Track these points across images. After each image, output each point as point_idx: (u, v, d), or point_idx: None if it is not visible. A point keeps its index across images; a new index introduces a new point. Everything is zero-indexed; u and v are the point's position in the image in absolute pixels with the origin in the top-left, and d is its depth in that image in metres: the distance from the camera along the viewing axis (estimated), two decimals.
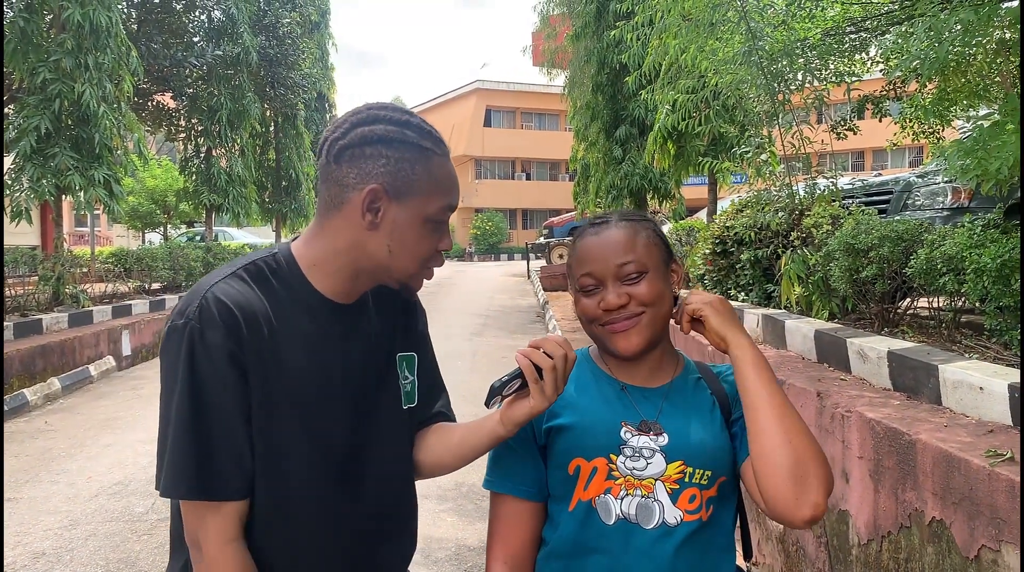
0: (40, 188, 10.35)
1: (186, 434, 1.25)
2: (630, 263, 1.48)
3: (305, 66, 19.63)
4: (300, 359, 1.33)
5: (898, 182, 7.83)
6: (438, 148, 1.36)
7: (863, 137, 8.00)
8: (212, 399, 1.25)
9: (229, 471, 1.27)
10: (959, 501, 2.60)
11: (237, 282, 1.32)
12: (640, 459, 1.45)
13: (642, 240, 1.51)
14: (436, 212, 1.35)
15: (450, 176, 1.37)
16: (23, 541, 4.62)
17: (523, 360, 1.33)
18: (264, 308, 1.31)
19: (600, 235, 1.52)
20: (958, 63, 4.32)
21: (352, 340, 1.42)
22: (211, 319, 1.25)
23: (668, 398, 1.52)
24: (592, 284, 1.50)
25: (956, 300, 4.29)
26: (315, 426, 1.35)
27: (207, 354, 1.24)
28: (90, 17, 10.36)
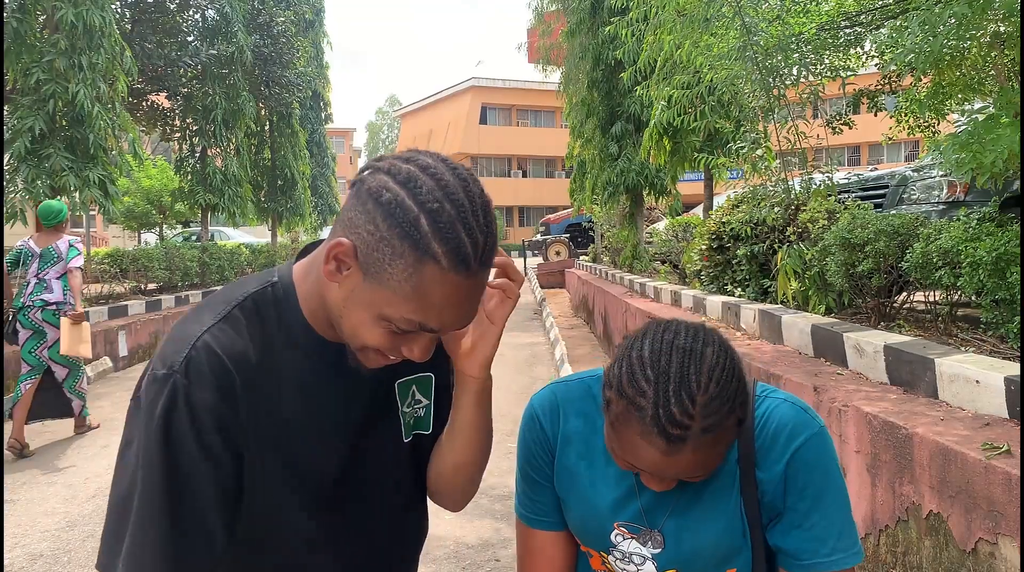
0: (35, 189, 10.33)
1: (155, 508, 1.05)
2: (698, 477, 1.19)
3: (300, 65, 19.60)
4: (294, 405, 1.17)
5: (894, 176, 7.84)
6: (447, 260, 1.01)
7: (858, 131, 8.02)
8: (191, 472, 1.05)
9: (197, 553, 1.08)
10: (956, 494, 2.60)
11: (231, 325, 1.13)
12: (630, 563, 1.33)
13: (720, 451, 1.16)
14: (397, 319, 1.06)
15: (441, 296, 1.03)
16: (21, 542, 4.61)
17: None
18: (258, 353, 1.14)
19: (672, 457, 1.12)
20: (953, 57, 4.33)
21: (352, 380, 1.23)
22: (201, 375, 1.06)
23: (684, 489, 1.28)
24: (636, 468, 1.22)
25: (952, 294, 4.30)
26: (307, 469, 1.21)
27: (192, 417, 1.05)
28: (83, 17, 10.33)
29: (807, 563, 1.24)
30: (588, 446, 1.36)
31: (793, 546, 1.25)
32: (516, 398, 7.68)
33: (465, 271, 1.02)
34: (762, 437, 1.26)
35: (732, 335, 5.91)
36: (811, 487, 1.24)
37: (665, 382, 1.11)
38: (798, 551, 1.25)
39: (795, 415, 1.28)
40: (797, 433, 1.26)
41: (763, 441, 1.26)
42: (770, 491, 1.26)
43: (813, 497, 1.24)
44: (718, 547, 1.28)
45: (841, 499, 1.26)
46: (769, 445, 1.26)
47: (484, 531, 4.54)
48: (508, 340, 12.05)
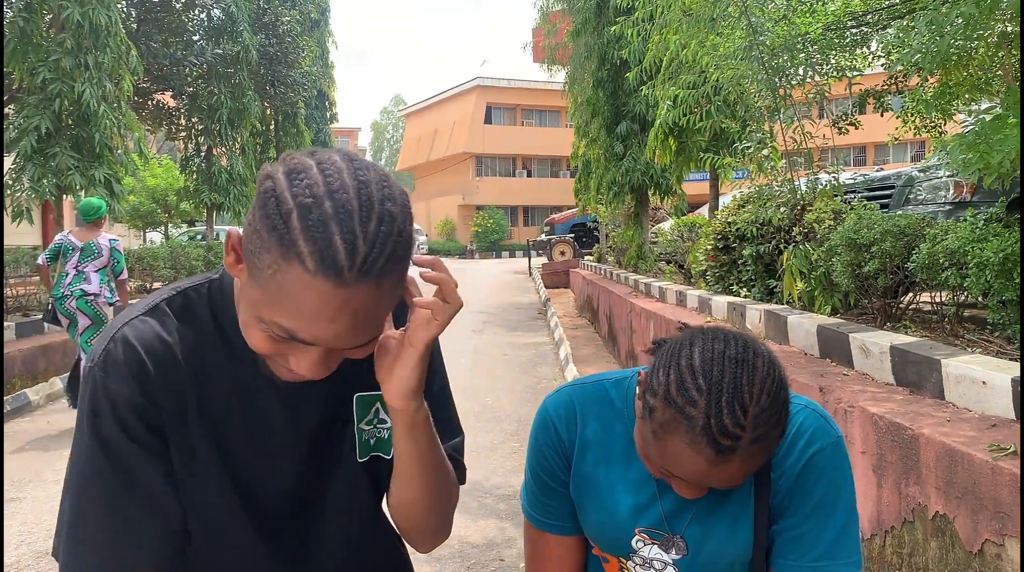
0: (41, 188, 10.37)
1: (92, 496, 1.04)
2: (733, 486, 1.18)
3: (305, 64, 19.64)
4: (226, 404, 1.12)
5: (900, 176, 7.82)
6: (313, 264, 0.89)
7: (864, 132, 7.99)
8: (122, 458, 1.04)
9: (147, 537, 1.05)
10: (962, 495, 2.59)
11: (155, 320, 1.09)
12: (650, 569, 1.32)
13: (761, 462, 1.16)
14: (270, 323, 0.96)
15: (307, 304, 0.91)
16: (27, 540, 4.62)
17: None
18: (185, 347, 1.09)
19: (720, 467, 1.12)
20: (960, 57, 4.32)
21: (305, 394, 1.15)
22: (117, 367, 1.04)
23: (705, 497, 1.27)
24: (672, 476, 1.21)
25: (959, 294, 4.29)
26: (250, 485, 1.14)
27: (113, 407, 1.04)
28: (89, 16, 10.36)
29: (792, 564, 1.26)
30: (606, 451, 1.34)
31: (784, 546, 1.27)
32: (520, 398, 7.68)
33: (335, 278, 0.89)
34: (781, 444, 1.25)
35: None
36: (816, 494, 1.26)
37: (718, 393, 1.10)
38: (787, 551, 1.27)
39: (816, 422, 1.29)
40: (815, 439, 1.27)
41: (782, 447, 1.26)
42: (781, 492, 1.27)
43: (815, 504, 1.26)
44: (739, 553, 1.28)
45: (842, 509, 1.27)
46: (787, 449, 1.26)
47: (489, 531, 4.54)
48: (513, 340, 12.06)
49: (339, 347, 0.98)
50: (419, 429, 1.13)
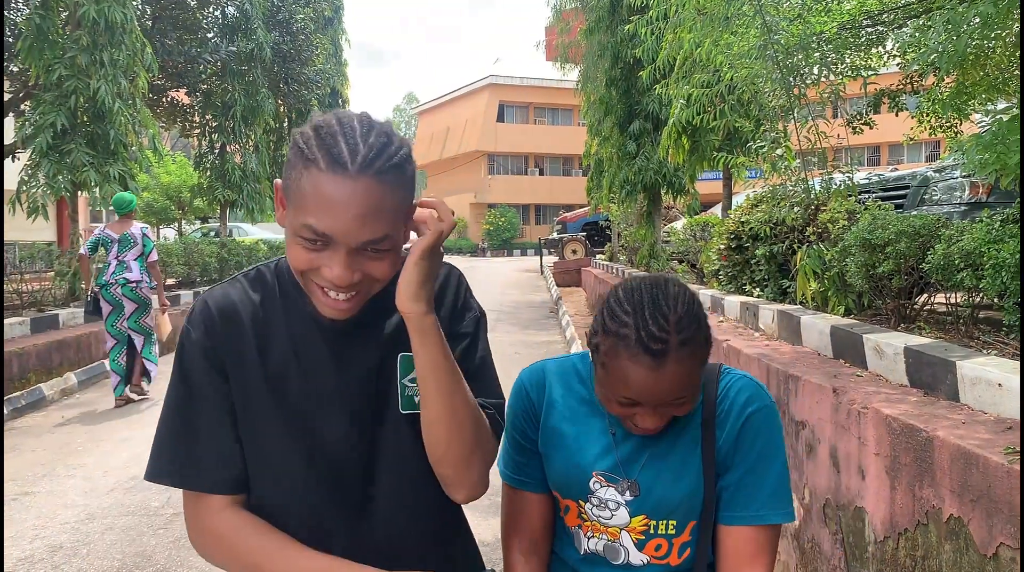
0: (56, 184, 10.43)
1: (172, 423, 1.32)
2: (683, 399, 1.37)
3: (318, 62, 19.68)
4: (284, 360, 1.33)
5: (915, 177, 7.77)
6: (325, 162, 1.17)
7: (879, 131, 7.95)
8: (196, 393, 1.31)
9: (210, 462, 1.31)
10: (977, 498, 2.57)
11: (233, 287, 1.38)
12: (605, 509, 1.48)
13: (698, 367, 1.36)
14: (298, 228, 1.20)
15: (321, 195, 1.17)
16: (41, 534, 4.66)
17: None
18: (252, 310, 1.35)
19: (659, 371, 1.31)
20: (977, 56, 4.28)
21: (354, 349, 1.35)
22: (196, 320, 1.33)
23: (655, 444, 1.47)
24: (630, 404, 1.38)
25: (974, 296, 4.26)
26: (305, 432, 1.32)
27: (191, 351, 1.32)
28: (105, 13, 10.42)
29: (737, 515, 1.45)
30: (570, 410, 1.54)
31: (728, 499, 1.46)
32: None
33: (342, 172, 1.16)
34: (723, 405, 1.47)
35: (750, 335, 5.88)
36: (755, 449, 1.45)
37: (641, 310, 1.33)
38: (731, 503, 1.46)
39: (753, 388, 1.49)
40: (752, 401, 1.47)
41: (723, 407, 1.47)
42: (724, 448, 1.46)
43: (754, 459, 1.45)
44: (684, 499, 1.45)
45: (779, 465, 1.47)
46: (728, 409, 1.46)
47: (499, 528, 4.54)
48: (525, 338, 12.06)
49: (354, 239, 1.19)
50: (429, 335, 1.28)
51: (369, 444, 1.35)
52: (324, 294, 1.25)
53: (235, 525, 1.31)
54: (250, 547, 1.29)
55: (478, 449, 1.35)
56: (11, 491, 5.43)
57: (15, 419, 7.51)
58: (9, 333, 8.69)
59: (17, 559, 4.32)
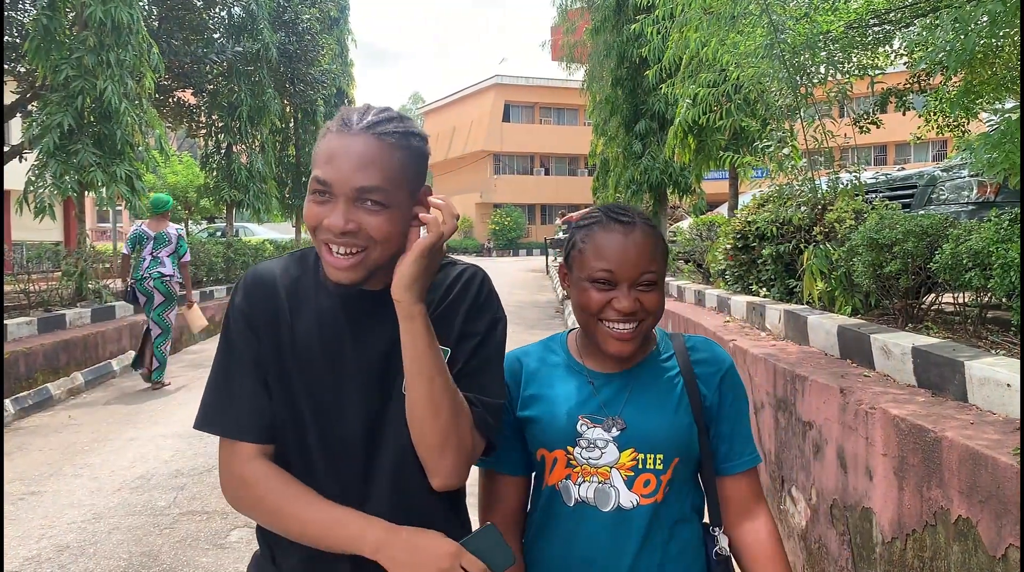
0: (63, 184, 10.45)
1: (215, 377, 1.47)
2: (651, 273, 1.53)
3: (324, 62, 19.69)
4: (311, 332, 1.46)
5: (922, 176, 7.75)
6: (335, 126, 1.39)
7: (886, 131, 7.93)
8: (235, 349, 1.46)
9: (244, 412, 1.43)
10: (986, 499, 2.56)
11: (277, 262, 1.54)
12: (595, 449, 1.57)
13: (660, 249, 1.56)
14: (311, 182, 1.38)
15: (327, 149, 1.37)
16: (48, 534, 4.66)
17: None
18: (289, 283, 1.49)
19: (628, 237, 1.53)
20: (985, 55, 4.26)
21: (372, 325, 1.46)
22: (240, 286, 1.50)
23: (634, 383, 1.61)
24: (607, 280, 1.52)
25: (982, 295, 4.24)
26: (322, 399, 1.44)
27: (234, 314, 1.48)
28: (112, 14, 10.43)
29: (737, 463, 1.64)
30: (549, 376, 1.67)
31: (726, 450, 1.64)
32: None
33: (346, 130, 1.37)
34: (696, 355, 1.65)
35: (757, 335, 5.86)
36: (736, 404, 1.65)
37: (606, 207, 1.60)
38: (729, 454, 1.64)
39: (715, 346, 1.69)
40: (723, 358, 1.67)
41: (697, 358, 1.64)
42: (710, 398, 1.63)
43: (737, 413, 1.65)
44: (669, 434, 1.57)
45: (747, 414, 1.69)
46: (704, 361, 1.64)
47: None
48: (530, 338, 11.99)
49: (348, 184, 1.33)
50: (416, 323, 1.37)
51: (375, 417, 1.45)
52: (329, 252, 1.37)
53: (262, 472, 1.42)
54: (273, 492, 1.40)
55: (453, 437, 1.39)
56: (18, 490, 5.44)
57: (22, 418, 7.53)
58: (16, 333, 8.72)
59: (24, 558, 4.33)
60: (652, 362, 1.64)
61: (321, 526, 1.37)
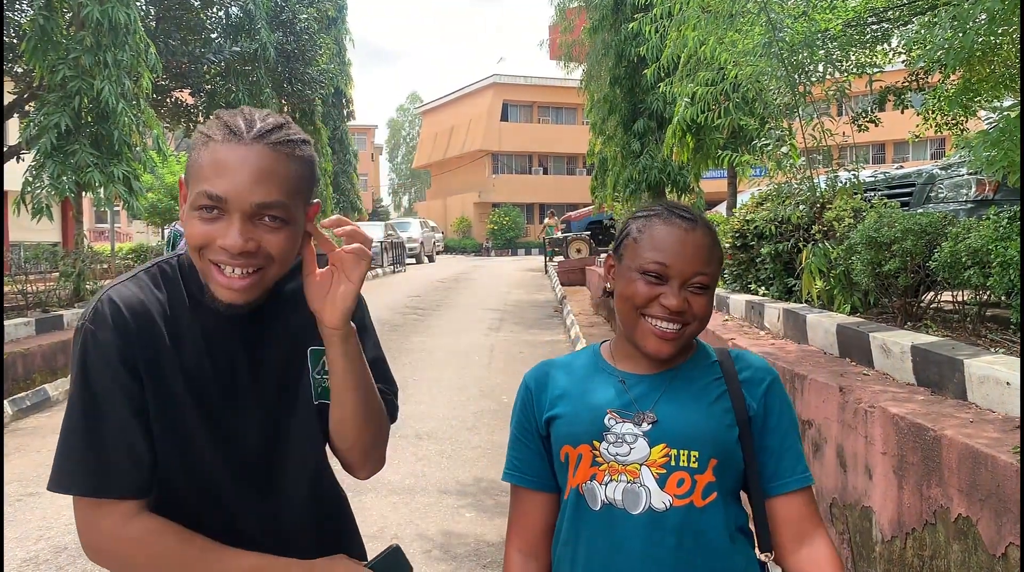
0: (60, 185, 10.43)
1: (77, 430, 1.26)
2: (705, 275, 1.45)
3: (322, 62, 19.67)
4: (199, 358, 1.33)
5: (921, 174, 7.74)
6: (220, 134, 1.26)
7: (884, 129, 7.92)
8: (104, 396, 1.26)
9: (122, 467, 1.27)
10: (985, 498, 2.55)
11: (134, 283, 1.34)
12: (623, 444, 1.45)
13: (717, 255, 1.49)
14: (195, 198, 1.25)
15: (216, 161, 1.24)
16: (46, 535, 4.65)
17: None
18: (161, 308, 1.32)
19: (689, 234, 1.46)
20: (983, 53, 4.25)
21: (259, 338, 1.39)
22: (103, 320, 1.27)
23: (669, 383, 1.51)
24: (659, 273, 1.44)
25: (981, 294, 4.23)
26: (222, 425, 1.35)
27: (99, 353, 1.26)
28: (109, 14, 10.41)
29: (789, 480, 1.49)
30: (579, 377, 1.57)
31: (774, 467, 1.49)
32: None
33: (237, 139, 1.24)
34: (740, 364, 1.54)
35: (756, 334, 5.86)
36: (784, 417, 1.52)
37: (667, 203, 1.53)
38: (778, 471, 1.49)
39: (762, 359, 1.59)
40: (769, 368, 1.56)
41: (742, 368, 1.54)
42: (755, 406, 1.50)
43: (786, 424, 1.52)
44: (705, 432, 1.45)
45: (799, 433, 1.55)
46: (751, 375, 1.53)
47: (504, 528, 4.53)
48: (528, 338, 12.05)
49: (247, 200, 1.22)
50: (351, 344, 1.35)
51: (279, 434, 1.41)
52: (219, 273, 1.26)
53: (152, 529, 1.29)
54: (173, 550, 1.28)
55: (381, 435, 1.48)
56: (16, 492, 5.43)
57: (20, 419, 7.51)
58: (14, 334, 8.70)
59: (22, 560, 4.32)
60: (691, 364, 1.54)
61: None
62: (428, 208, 52.51)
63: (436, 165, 50.87)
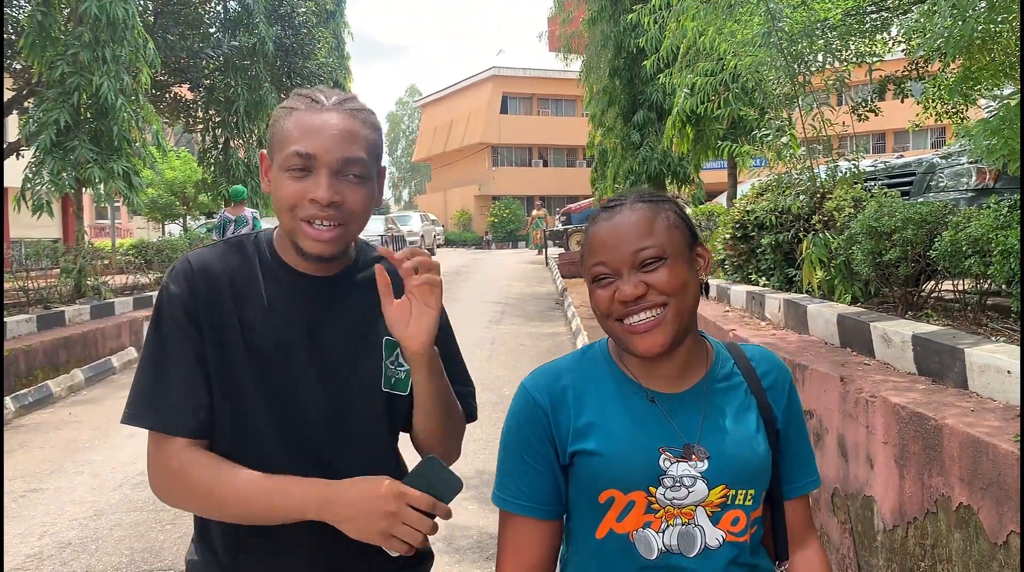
0: (60, 181, 10.42)
1: (147, 371, 1.40)
2: (648, 248, 1.31)
3: (321, 55, 19.60)
4: (255, 317, 1.43)
5: (921, 163, 7.73)
6: (303, 105, 1.41)
7: (884, 118, 7.91)
8: (170, 342, 1.40)
9: (180, 407, 1.38)
10: (987, 486, 2.56)
11: (212, 250, 1.49)
12: (681, 488, 1.33)
13: (661, 222, 1.35)
14: (285, 158, 1.38)
15: (303, 125, 1.39)
16: (49, 531, 4.67)
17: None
18: (229, 271, 1.45)
19: (613, 219, 1.36)
20: (983, 41, 4.24)
21: (319, 309, 1.46)
22: (176, 276, 1.43)
23: (705, 405, 1.39)
24: (606, 273, 1.34)
25: (982, 282, 4.23)
26: (275, 385, 1.42)
27: (169, 304, 1.41)
28: (107, 9, 10.39)
29: (801, 485, 1.47)
30: (601, 398, 1.40)
31: (788, 470, 1.46)
32: None
33: (320, 107, 1.40)
34: (761, 368, 1.46)
35: (756, 325, 5.86)
36: (798, 419, 1.48)
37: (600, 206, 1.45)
38: (792, 475, 1.46)
39: (774, 356, 1.50)
40: (785, 368, 1.49)
41: (762, 372, 1.45)
42: (780, 418, 1.44)
43: (799, 425, 1.48)
44: (756, 464, 1.37)
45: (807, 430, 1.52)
46: (773, 380, 1.45)
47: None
48: (530, 330, 12.05)
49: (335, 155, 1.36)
50: (434, 368, 1.43)
51: (340, 414, 1.45)
52: (309, 226, 1.38)
53: (190, 458, 1.37)
54: (204, 475, 1.36)
55: (459, 436, 1.60)
56: (20, 488, 5.44)
57: (23, 416, 7.53)
58: (16, 330, 8.71)
59: (26, 555, 4.33)
60: (716, 376, 1.42)
61: (261, 500, 1.34)
62: (428, 201, 52.43)
63: (436, 158, 50.78)
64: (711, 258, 1.48)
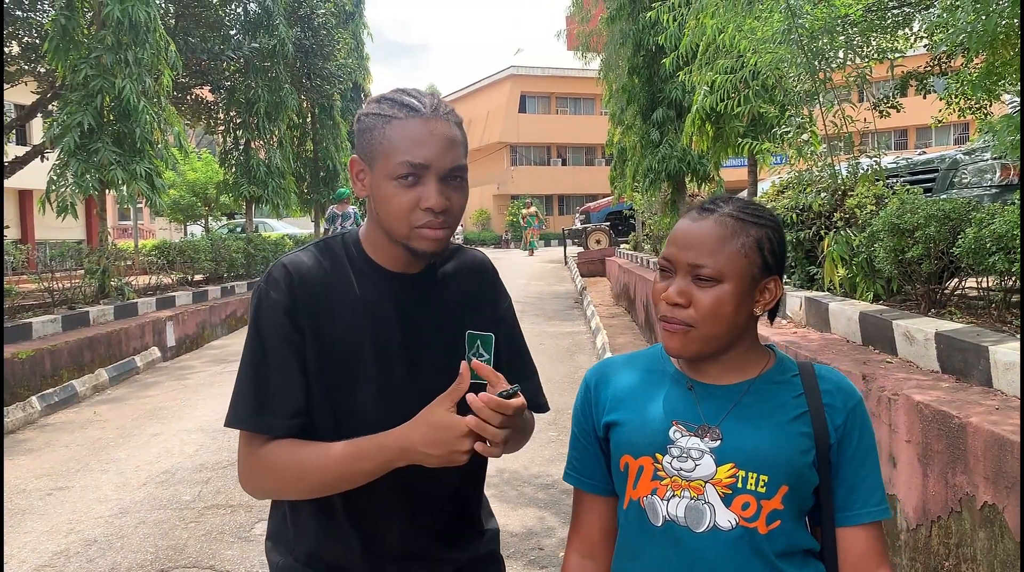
0: (84, 183, 10.54)
1: (247, 375, 1.46)
2: (705, 267, 1.34)
3: (340, 56, 19.71)
4: (353, 318, 1.49)
5: (944, 160, 7.66)
6: (403, 113, 1.43)
7: (906, 115, 7.83)
8: (270, 346, 1.45)
9: (279, 410, 1.44)
10: (1012, 485, 2.54)
11: (305, 254, 1.53)
12: (687, 460, 1.36)
13: (735, 245, 1.35)
14: (395, 168, 1.42)
15: (409, 136, 1.42)
16: (76, 528, 4.72)
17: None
18: (323, 274, 1.50)
19: (697, 222, 1.38)
20: (1007, 35, 4.19)
21: (412, 306, 1.53)
22: (275, 281, 1.48)
23: (743, 399, 1.40)
24: (668, 266, 1.40)
25: (1006, 279, 4.19)
26: (376, 379, 1.49)
27: (269, 309, 1.46)
28: (129, 13, 10.49)
29: (863, 511, 1.39)
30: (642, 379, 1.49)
31: (845, 495, 1.40)
32: (556, 387, 7.67)
33: (420, 115, 1.43)
34: (824, 384, 1.42)
35: (778, 323, 5.83)
36: (863, 442, 1.41)
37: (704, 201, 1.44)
38: (851, 501, 1.39)
39: (844, 377, 1.47)
40: (853, 391, 1.44)
41: (826, 387, 1.42)
42: (833, 434, 1.40)
43: (864, 452, 1.41)
44: (777, 455, 1.35)
45: (878, 460, 1.45)
46: (834, 395, 1.41)
47: (528, 520, 4.55)
48: (549, 329, 12.04)
49: (445, 163, 1.43)
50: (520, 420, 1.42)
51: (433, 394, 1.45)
52: (424, 229, 1.44)
53: (273, 447, 1.44)
54: (287, 456, 1.43)
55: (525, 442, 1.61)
56: (46, 486, 5.51)
57: (48, 415, 7.62)
58: (41, 330, 8.82)
59: (53, 553, 4.39)
60: (769, 377, 1.43)
61: (345, 465, 1.41)
62: None
63: None
64: (781, 295, 1.43)
